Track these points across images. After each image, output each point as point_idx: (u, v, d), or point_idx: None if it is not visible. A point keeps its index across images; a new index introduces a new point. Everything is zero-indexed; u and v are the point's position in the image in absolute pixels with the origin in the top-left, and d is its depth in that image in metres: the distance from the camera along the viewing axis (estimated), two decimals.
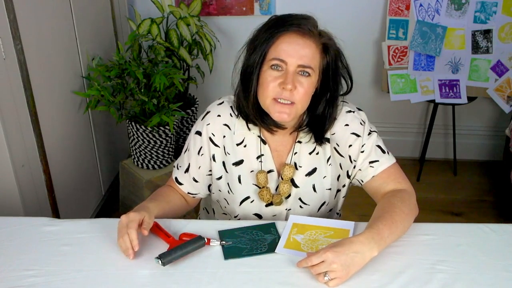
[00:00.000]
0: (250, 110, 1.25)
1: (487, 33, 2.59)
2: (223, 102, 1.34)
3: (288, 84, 1.15)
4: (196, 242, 1.16)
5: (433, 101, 2.73)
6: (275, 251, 1.16)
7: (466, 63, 2.66)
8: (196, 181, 1.37)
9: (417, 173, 2.93)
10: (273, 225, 1.26)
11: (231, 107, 1.32)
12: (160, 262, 1.10)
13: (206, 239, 1.17)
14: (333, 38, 1.22)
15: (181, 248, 1.13)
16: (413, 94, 2.73)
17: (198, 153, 1.34)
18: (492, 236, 1.21)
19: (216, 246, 1.18)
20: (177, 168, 1.40)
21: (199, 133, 1.33)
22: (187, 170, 1.37)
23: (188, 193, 1.40)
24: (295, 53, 1.15)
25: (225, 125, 1.31)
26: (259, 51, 1.18)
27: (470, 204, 2.70)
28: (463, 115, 2.97)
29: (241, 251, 1.17)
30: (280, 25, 1.17)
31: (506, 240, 1.20)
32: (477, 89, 2.69)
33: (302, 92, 1.17)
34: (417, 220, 1.25)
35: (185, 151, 1.38)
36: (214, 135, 1.31)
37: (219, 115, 1.32)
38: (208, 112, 1.34)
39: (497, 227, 1.24)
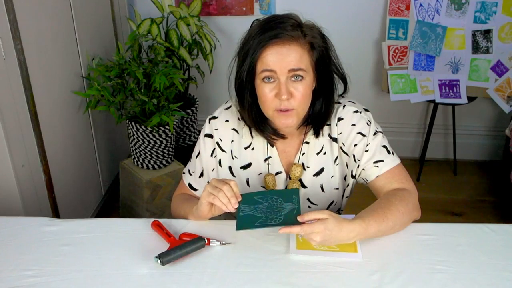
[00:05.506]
0: (249, 122, 1.27)
1: (487, 33, 2.59)
2: (230, 107, 1.34)
3: (283, 95, 1.15)
4: (196, 242, 1.16)
5: (433, 101, 2.73)
6: (290, 253, 1.14)
7: (466, 63, 2.66)
8: None
9: (417, 173, 2.93)
10: (296, 192, 1.19)
11: (238, 110, 1.32)
12: (159, 261, 1.10)
13: (206, 240, 1.17)
14: (318, 33, 1.19)
15: (180, 248, 1.13)
16: (413, 94, 2.73)
17: (211, 155, 1.34)
18: (492, 236, 1.21)
19: (216, 246, 1.18)
20: (190, 174, 1.40)
21: (209, 135, 1.34)
22: (201, 175, 1.37)
23: None
24: (281, 61, 1.14)
25: (234, 129, 1.32)
26: (247, 65, 1.17)
27: (470, 204, 2.70)
28: (463, 115, 2.97)
29: (255, 221, 1.11)
30: (261, 40, 1.15)
31: (506, 240, 1.20)
32: (477, 89, 2.69)
33: (299, 97, 1.17)
34: (417, 220, 1.25)
35: (196, 156, 1.38)
36: (221, 140, 1.33)
37: (227, 120, 1.33)
38: (215, 117, 1.34)
39: (497, 227, 1.24)
